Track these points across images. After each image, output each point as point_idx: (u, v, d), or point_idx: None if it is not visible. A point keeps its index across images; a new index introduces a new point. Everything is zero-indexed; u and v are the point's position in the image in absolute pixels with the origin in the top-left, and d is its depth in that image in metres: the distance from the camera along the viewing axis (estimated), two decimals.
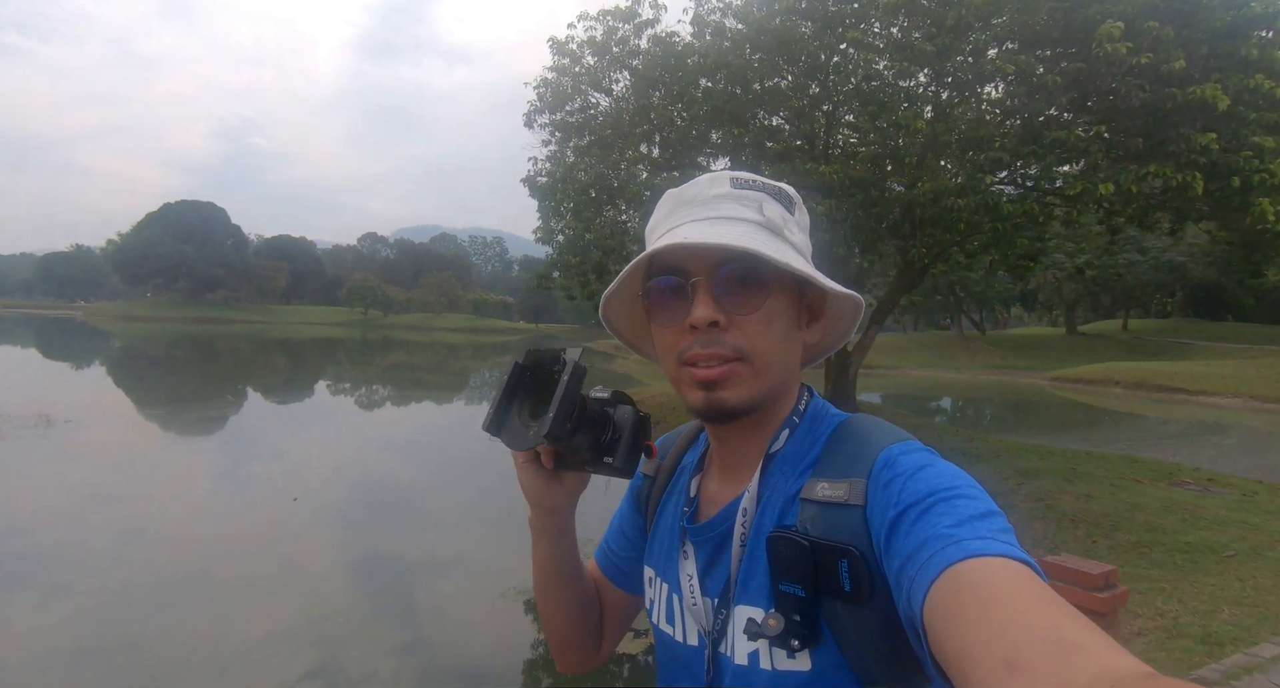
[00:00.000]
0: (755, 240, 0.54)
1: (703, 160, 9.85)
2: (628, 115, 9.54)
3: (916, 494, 0.48)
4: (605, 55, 9.14)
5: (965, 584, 0.39)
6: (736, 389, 0.56)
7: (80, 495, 7.60)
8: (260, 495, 7.64)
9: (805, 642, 0.51)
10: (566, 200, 8.79)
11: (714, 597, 0.60)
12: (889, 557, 0.47)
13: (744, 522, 0.58)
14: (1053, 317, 52.63)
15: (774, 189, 0.60)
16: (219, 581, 5.01)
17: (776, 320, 0.57)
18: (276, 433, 12.70)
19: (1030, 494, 6.41)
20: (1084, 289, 37.19)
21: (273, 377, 22.88)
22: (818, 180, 6.91)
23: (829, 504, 0.53)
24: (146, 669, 3.74)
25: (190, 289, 71.74)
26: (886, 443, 0.54)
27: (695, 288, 0.56)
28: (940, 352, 33.23)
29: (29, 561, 5.45)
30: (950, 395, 22.98)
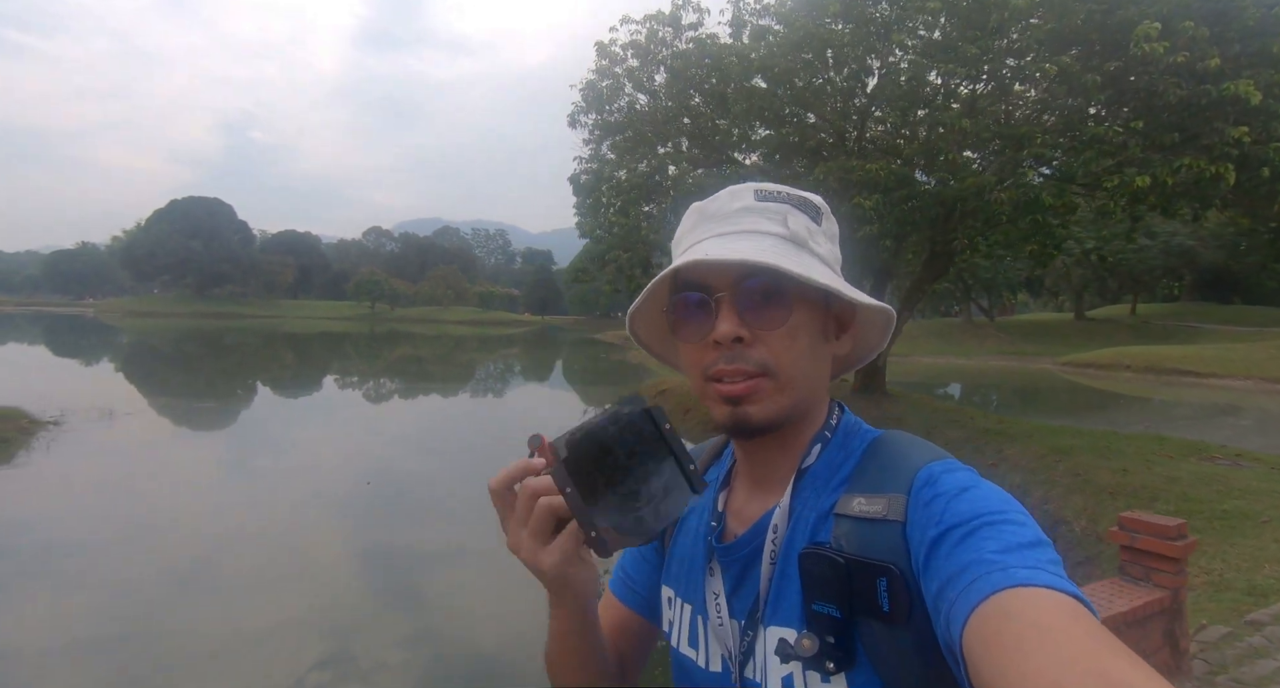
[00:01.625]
0: (778, 254, 0.54)
1: (739, 156, 10.19)
2: (662, 114, 9.87)
3: (961, 515, 0.46)
4: (647, 57, 9.45)
5: (1009, 613, 0.38)
6: (762, 405, 0.55)
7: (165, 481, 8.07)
8: (304, 485, 7.96)
9: (840, 665, 0.49)
10: (614, 197, 9.13)
11: (741, 618, 0.58)
12: (928, 577, 0.46)
13: (774, 539, 0.56)
14: (1058, 302, 52.87)
15: (799, 200, 0.59)
16: (264, 568, 5.29)
17: (802, 334, 0.56)
18: (314, 425, 13.16)
19: (1068, 470, 6.82)
20: (1092, 274, 37.43)
21: (296, 372, 23.33)
22: (862, 176, 7.26)
23: (866, 520, 0.51)
24: (192, 645, 3.89)
25: (198, 285, 72.08)
26: (927, 459, 0.53)
27: (719, 304, 0.55)
28: (950, 339, 33.54)
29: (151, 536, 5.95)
30: (965, 381, 23.34)
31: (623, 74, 9.73)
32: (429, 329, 56.45)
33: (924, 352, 32.79)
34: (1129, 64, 6.31)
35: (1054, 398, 19.04)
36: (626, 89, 9.82)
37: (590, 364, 27.14)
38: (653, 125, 9.93)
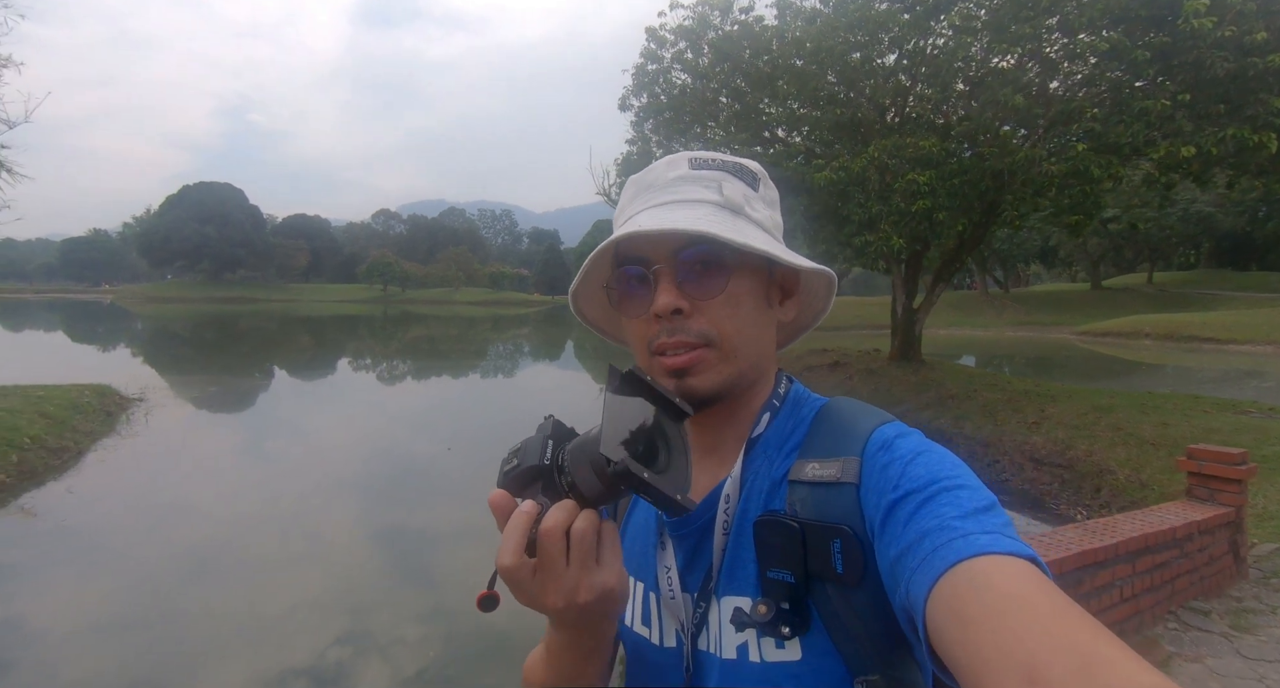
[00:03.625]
0: (713, 222, 0.53)
1: (781, 132, 10.52)
2: (708, 95, 10.18)
3: (918, 480, 0.46)
4: (695, 40, 9.74)
5: (977, 584, 0.38)
6: (706, 375, 0.55)
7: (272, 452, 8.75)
8: (338, 463, 8.14)
9: (795, 629, 0.49)
10: None
11: (694, 590, 0.57)
12: (884, 541, 0.46)
13: (726, 510, 0.55)
14: (1072, 273, 52.80)
15: (734, 166, 0.58)
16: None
17: (743, 302, 0.56)
18: (347, 404, 13.81)
19: (1110, 425, 7.32)
20: (1109, 244, 37.40)
21: (324, 354, 23.98)
22: (914, 153, 7.63)
23: (820, 484, 0.51)
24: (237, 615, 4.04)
25: (213, 270, 72.77)
26: (877, 423, 0.54)
27: (657, 276, 0.55)
28: (966, 310, 33.79)
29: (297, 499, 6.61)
30: (983, 352, 23.71)
31: (671, 58, 10.03)
32: (442, 310, 57.06)
33: (940, 324, 33.07)
34: (1177, 38, 6.61)
35: (1076, 366, 19.41)
36: (674, 72, 10.13)
37: (601, 343, 27.63)
38: (696, 106, 10.25)
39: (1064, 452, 7.13)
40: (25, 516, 5.89)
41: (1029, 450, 7.42)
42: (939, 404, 9.33)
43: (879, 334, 23.34)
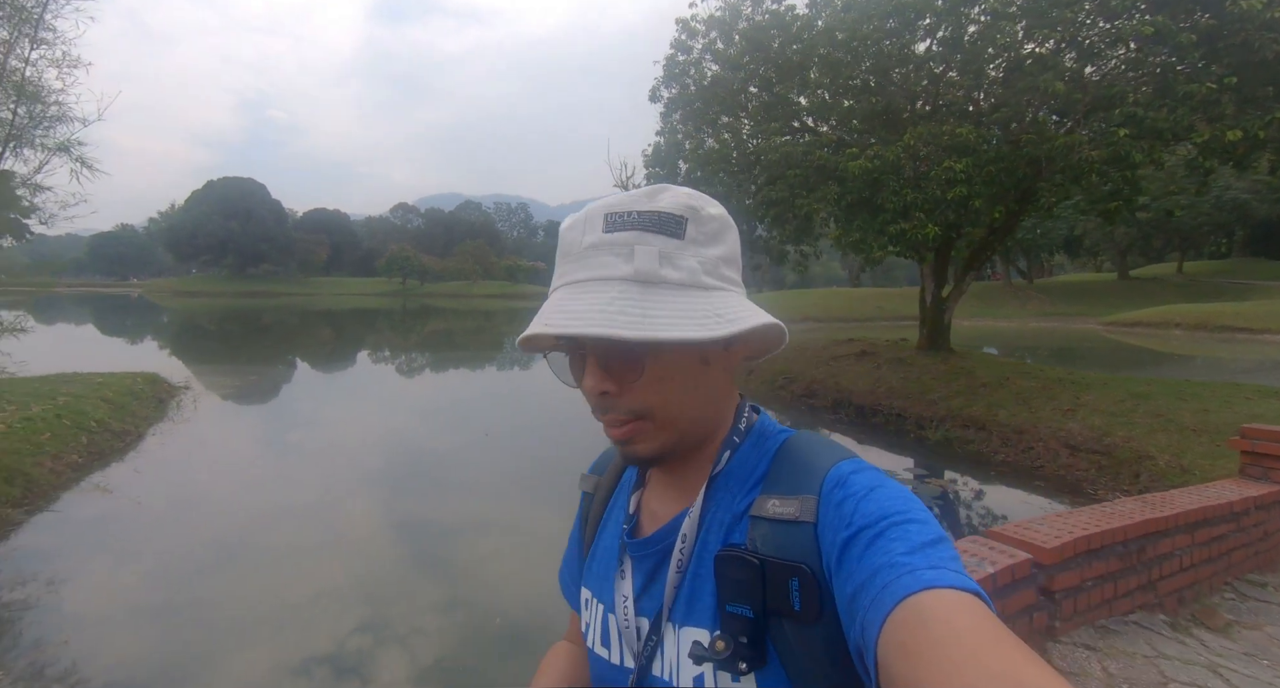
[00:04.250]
0: (618, 309, 0.51)
1: (811, 122, 10.52)
2: (735, 84, 10.22)
3: (869, 516, 0.48)
4: (725, 30, 9.78)
5: (920, 619, 0.39)
6: (645, 443, 0.57)
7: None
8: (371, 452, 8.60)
9: (752, 664, 0.50)
10: (696, 168, 9.61)
11: (648, 616, 0.58)
12: (840, 579, 0.47)
13: (682, 548, 0.57)
14: (1097, 263, 51.80)
15: (654, 218, 0.55)
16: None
17: (669, 377, 0.56)
18: (376, 394, 14.14)
19: (1148, 412, 7.33)
20: (1137, 233, 36.65)
21: (356, 345, 24.47)
22: (951, 141, 7.63)
23: (780, 521, 0.52)
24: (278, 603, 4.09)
25: (237, 264, 74.15)
26: (835, 459, 0.55)
27: (584, 359, 0.56)
28: (988, 301, 33.42)
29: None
30: (1007, 343, 23.50)
31: (701, 48, 10.08)
32: (460, 304, 57.61)
33: (962, 315, 32.66)
34: (1224, 21, 6.53)
35: (1104, 357, 19.18)
36: (705, 63, 10.18)
37: None
38: (725, 96, 10.29)
39: (1101, 438, 7.15)
40: (102, 492, 6.22)
41: (1064, 437, 7.45)
42: (970, 392, 9.36)
43: (898, 326, 23.23)
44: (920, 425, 9.09)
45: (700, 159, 9.61)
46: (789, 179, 8.79)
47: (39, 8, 5.56)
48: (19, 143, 5.64)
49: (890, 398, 10.13)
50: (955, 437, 8.46)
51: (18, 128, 5.62)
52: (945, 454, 8.09)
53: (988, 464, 7.63)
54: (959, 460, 7.82)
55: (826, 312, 30.03)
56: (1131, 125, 6.72)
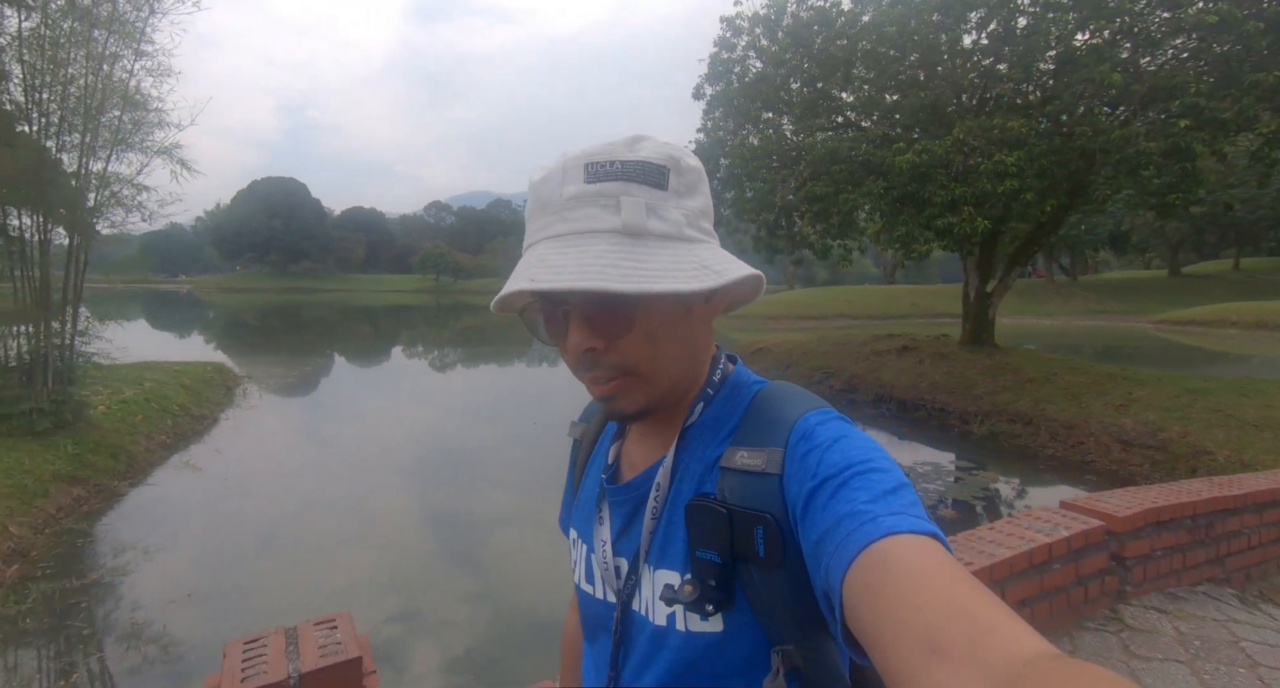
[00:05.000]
0: (610, 263, 0.50)
1: (854, 117, 10.55)
2: (777, 81, 10.30)
3: (833, 467, 0.49)
4: (770, 26, 9.88)
5: (883, 563, 0.41)
6: (630, 399, 0.57)
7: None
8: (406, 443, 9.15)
9: (719, 606, 0.53)
10: (741, 163, 9.75)
11: (626, 557, 0.61)
12: (805, 527, 0.49)
13: (656, 496, 0.59)
14: (1145, 260, 49.87)
15: (637, 167, 0.54)
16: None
17: (657, 331, 0.56)
18: (415, 387, 14.61)
19: (1206, 408, 7.22)
20: (1190, 228, 35.22)
21: (399, 339, 25.23)
22: (1002, 134, 7.62)
23: (747, 472, 0.54)
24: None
25: (279, 261, 76.77)
26: (803, 411, 0.56)
27: (568, 315, 0.55)
28: (1029, 299, 32.54)
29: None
30: (1050, 341, 22.93)
31: (745, 44, 10.20)
32: (492, 300, 58.47)
33: (1002, 313, 31.76)
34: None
35: (1155, 355, 18.58)
36: (749, 59, 10.30)
37: None
38: (768, 92, 10.38)
39: (1155, 434, 7.08)
40: (192, 470, 6.73)
41: (1117, 432, 7.39)
42: (1017, 387, 9.31)
43: (935, 323, 22.88)
44: (964, 420, 9.08)
45: (744, 155, 9.74)
46: (834, 174, 8.87)
47: (141, 23, 6.05)
48: (125, 147, 6.13)
49: (933, 393, 10.12)
50: (1001, 431, 8.44)
51: (123, 133, 6.11)
52: (991, 449, 8.09)
53: (1035, 458, 7.62)
54: (1006, 455, 7.81)
55: (861, 309, 29.70)
56: (1192, 116, 6.62)
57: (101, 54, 5.86)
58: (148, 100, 6.12)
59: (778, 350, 14.98)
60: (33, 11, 5.42)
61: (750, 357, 15.70)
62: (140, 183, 6.10)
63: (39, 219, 5.82)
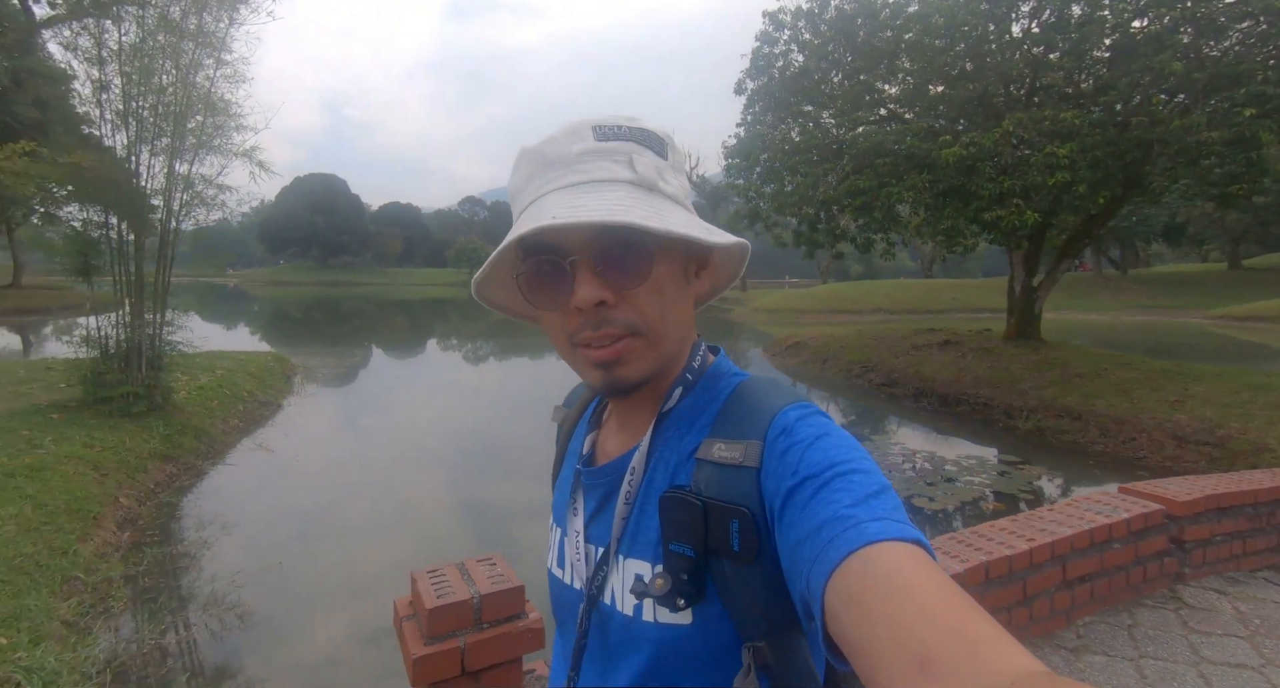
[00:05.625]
0: (630, 206, 0.50)
1: (898, 109, 10.46)
2: (818, 74, 10.28)
3: (815, 466, 0.48)
4: (813, 20, 9.87)
5: (868, 572, 0.40)
6: (635, 364, 0.55)
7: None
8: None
9: (690, 600, 0.52)
10: (783, 158, 9.80)
11: (598, 545, 0.60)
12: (783, 526, 0.48)
13: (631, 481, 0.57)
14: (1202, 252, 47.53)
15: (642, 133, 0.55)
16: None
17: (667, 286, 0.55)
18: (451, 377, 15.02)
19: (1268, 404, 7.02)
20: (1253, 219, 33.45)
21: (442, 331, 25.94)
22: (1053, 126, 7.51)
23: (724, 465, 0.52)
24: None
25: (320, 256, 79.25)
26: (782, 404, 0.54)
27: (575, 267, 0.52)
28: (1076, 293, 31.44)
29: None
30: (1099, 337, 22.20)
31: (788, 38, 10.21)
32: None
33: (1047, 307, 30.98)
34: None
35: (1212, 352, 17.81)
36: (791, 53, 10.31)
37: (700, 328, 27.90)
38: (810, 86, 10.37)
39: (1213, 430, 6.93)
40: (265, 451, 7.21)
41: (1171, 429, 7.26)
42: (1064, 382, 9.17)
43: (976, 318, 22.38)
44: (1009, 415, 9.00)
45: (785, 149, 9.79)
46: (877, 168, 8.86)
47: (222, 33, 6.46)
48: (207, 150, 6.58)
49: (976, 387, 10.03)
50: (1048, 426, 8.35)
51: (206, 136, 6.56)
52: (1037, 444, 8.02)
53: (1084, 454, 7.54)
54: (1052, 450, 7.75)
55: (898, 303, 29.20)
56: (1258, 104, 6.42)
57: (188, 64, 6.30)
58: (228, 105, 6.54)
59: (814, 344, 14.95)
60: (131, 25, 5.87)
61: (785, 350, 15.71)
62: (222, 183, 6.53)
63: (134, 220, 6.31)
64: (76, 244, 6.08)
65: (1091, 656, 2.09)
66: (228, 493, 5.92)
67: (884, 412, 10.35)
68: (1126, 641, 2.14)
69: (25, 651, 2.70)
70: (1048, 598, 2.17)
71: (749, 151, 10.99)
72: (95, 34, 5.85)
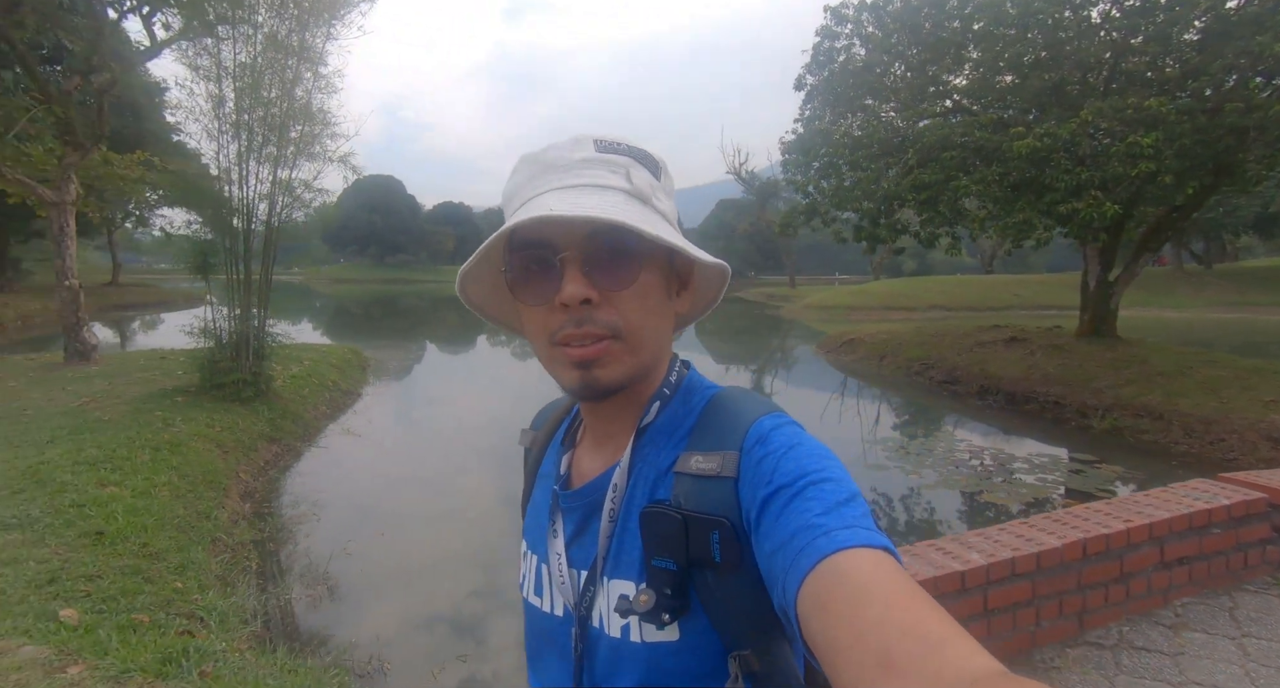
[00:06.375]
0: (626, 211, 0.52)
1: (966, 101, 10.22)
2: (881, 67, 10.14)
3: (788, 475, 0.49)
4: (878, 13, 9.77)
5: (835, 578, 0.41)
6: (612, 367, 0.55)
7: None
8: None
9: (675, 615, 0.52)
10: (843, 153, 9.75)
11: (580, 568, 0.59)
12: (759, 535, 0.48)
13: (614, 497, 0.57)
14: None
15: (640, 153, 0.57)
16: None
17: (650, 294, 0.56)
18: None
19: None
20: None
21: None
22: (1135, 115, 7.24)
23: (702, 477, 0.53)
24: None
25: (378, 253, 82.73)
26: (757, 415, 0.55)
27: (564, 263, 0.53)
28: (1155, 289, 29.51)
29: None
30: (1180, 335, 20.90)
31: (849, 33, 10.14)
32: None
33: (1122, 303, 29.30)
34: None
35: None
36: (854, 47, 10.23)
37: (749, 324, 27.96)
38: (872, 80, 10.25)
39: None
40: (353, 436, 7.77)
41: (1265, 430, 6.91)
42: (1144, 381, 8.80)
43: (1040, 315, 21.42)
44: (1082, 414, 8.72)
45: (849, 144, 9.73)
46: (943, 161, 8.72)
47: (319, 49, 7.00)
48: (306, 157, 7.15)
49: (1046, 385, 9.73)
50: (1126, 426, 8.06)
51: (304, 144, 7.12)
52: (1114, 443, 7.77)
53: (1166, 455, 7.26)
54: (1131, 450, 7.49)
55: (956, 300, 28.23)
56: None
57: (290, 78, 6.86)
58: (324, 115, 7.08)
59: (870, 342, 14.71)
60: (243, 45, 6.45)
61: (840, 347, 15.52)
62: (320, 187, 7.09)
63: (246, 224, 6.93)
64: (198, 246, 6.74)
65: (1190, 633, 2.16)
66: (326, 472, 6.47)
67: (946, 409, 10.18)
68: (1228, 621, 2.20)
69: (199, 595, 3.13)
70: (1145, 578, 2.24)
71: (808, 147, 10.96)
72: (214, 53, 6.46)
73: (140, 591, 2.96)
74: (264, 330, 7.57)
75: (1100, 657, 2.07)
